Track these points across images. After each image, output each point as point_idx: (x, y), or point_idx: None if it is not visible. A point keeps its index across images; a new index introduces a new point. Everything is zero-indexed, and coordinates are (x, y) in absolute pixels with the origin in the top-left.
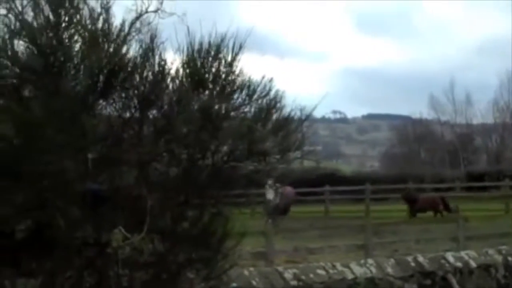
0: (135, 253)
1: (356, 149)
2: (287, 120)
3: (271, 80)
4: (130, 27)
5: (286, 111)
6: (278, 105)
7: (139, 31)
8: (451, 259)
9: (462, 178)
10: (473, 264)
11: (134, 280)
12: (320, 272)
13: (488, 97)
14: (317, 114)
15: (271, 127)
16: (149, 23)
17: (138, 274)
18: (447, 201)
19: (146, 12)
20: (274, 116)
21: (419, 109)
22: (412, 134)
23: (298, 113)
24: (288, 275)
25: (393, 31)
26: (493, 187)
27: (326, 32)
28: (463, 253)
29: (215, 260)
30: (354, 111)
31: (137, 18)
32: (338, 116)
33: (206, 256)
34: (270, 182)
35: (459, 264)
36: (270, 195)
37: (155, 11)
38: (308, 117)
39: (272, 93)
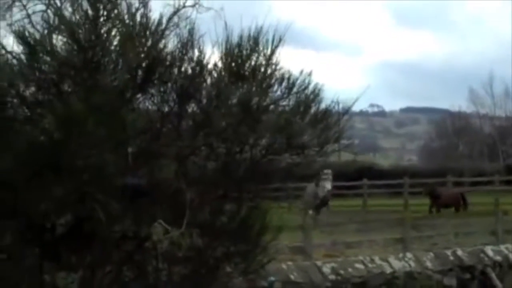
0: (174, 247)
1: (394, 143)
2: (326, 114)
3: (310, 74)
4: (168, 22)
5: (324, 104)
6: (317, 98)
7: (177, 25)
8: (490, 253)
9: (501, 171)
10: None
11: (173, 275)
12: (359, 266)
13: None
14: (355, 107)
15: (309, 120)
16: (186, 18)
17: (176, 269)
18: (466, 197)
19: (184, 6)
20: (313, 110)
21: (457, 103)
22: (451, 128)
23: (337, 107)
24: (326, 269)
25: (431, 24)
26: None
27: (364, 25)
28: (502, 247)
29: (253, 254)
30: (391, 105)
31: (175, 12)
32: (375, 109)
33: (244, 250)
34: (327, 171)
35: (498, 258)
36: (328, 184)
37: (193, 6)
38: (348, 111)
39: (310, 86)
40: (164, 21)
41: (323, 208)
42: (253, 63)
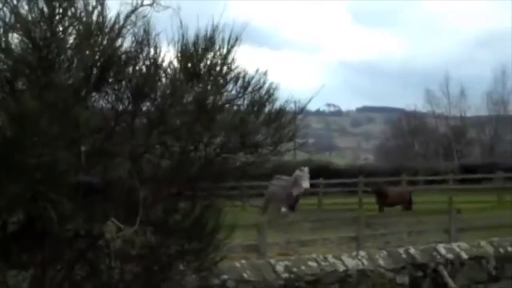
0: (127, 245)
1: (350, 142)
2: (280, 113)
3: (265, 73)
4: (125, 20)
5: (279, 103)
6: (272, 97)
7: (134, 24)
8: (442, 251)
9: (455, 170)
10: (464, 255)
11: (126, 273)
12: (312, 264)
13: (482, 90)
14: (311, 107)
15: (263, 119)
16: (144, 17)
17: (129, 267)
18: (412, 196)
19: (142, 5)
20: (267, 108)
21: (414, 102)
22: (406, 127)
23: (292, 106)
24: (279, 267)
25: (389, 25)
26: (486, 179)
27: (322, 25)
28: (454, 245)
29: (206, 252)
30: (348, 104)
31: (133, 11)
32: (332, 109)
33: (197, 248)
34: (304, 169)
35: (450, 256)
36: (306, 183)
37: (151, 4)
38: (303, 110)
39: (266, 85)
40: (122, 19)
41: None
42: (208, 62)
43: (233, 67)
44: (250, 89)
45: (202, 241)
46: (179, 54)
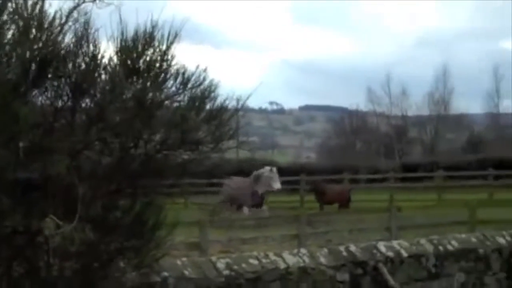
0: (66, 242)
1: (292, 140)
2: (221, 110)
3: (205, 70)
4: (67, 17)
5: (220, 100)
6: (212, 94)
7: (76, 20)
8: (382, 249)
9: (397, 169)
10: (404, 253)
11: (65, 270)
12: (253, 261)
13: (423, 89)
14: (254, 105)
15: (204, 117)
16: (86, 13)
17: (68, 264)
18: (350, 194)
19: (84, 1)
20: (208, 106)
21: (356, 101)
22: (349, 126)
23: (234, 103)
24: (220, 265)
25: (332, 24)
26: (426, 177)
27: (265, 23)
28: (394, 243)
29: (147, 249)
30: (291, 103)
31: (75, 7)
32: (275, 107)
33: (137, 245)
34: (273, 168)
35: (390, 254)
36: (278, 184)
37: (93, 1)
38: (242, 107)
39: (206, 82)
40: (63, 16)
41: (264, 206)
42: (148, 58)
43: (172, 63)
44: (190, 85)
45: (142, 238)
46: (118, 51)
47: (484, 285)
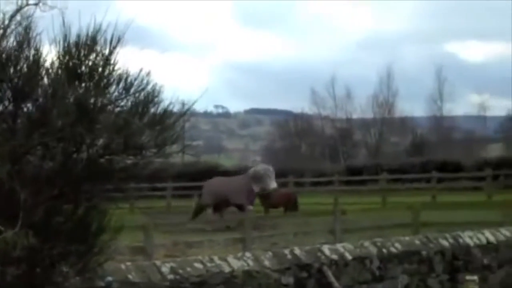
0: (8, 247)
1: (238, 144)
2: (165, 114)
3: (148, 74)
4: (10, 20)
5: (164, 105)
6: (156, 99)
7: (19, 23)
8: (327, 252)
9: (341, 172)
10: (348, 256)
11: (6, 275)
12: (198, 265)
13: (368, 92)
14: (199, 108)
15: (147, 121)
16: (28, 17)
17: (10, 269)
18: (297, 198)
19: (27, 5)
20: (152, 110)
21: (301, 104)
22: (293, 129)
23: (178, 107)
24: (165, 269)
25: (276, 26)
26: (371, 180)
27: (210, 26)
28: (339, 246)
29: (90, 254)
30: (236, 106)
31: (18, 10)
32: (220, 110)
33: (81, 250)
34: (269, 167)
35: (334, 256)
36: (274, 183)
37: (36, 4)
38: (187, 111)
39: (149, 87)
40: (6, 19)
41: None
42: (90, 62)
43: (116, 68)
44: (133, 90)
45: (86, 243)
46: (61, 54)
47: (427, 287)
